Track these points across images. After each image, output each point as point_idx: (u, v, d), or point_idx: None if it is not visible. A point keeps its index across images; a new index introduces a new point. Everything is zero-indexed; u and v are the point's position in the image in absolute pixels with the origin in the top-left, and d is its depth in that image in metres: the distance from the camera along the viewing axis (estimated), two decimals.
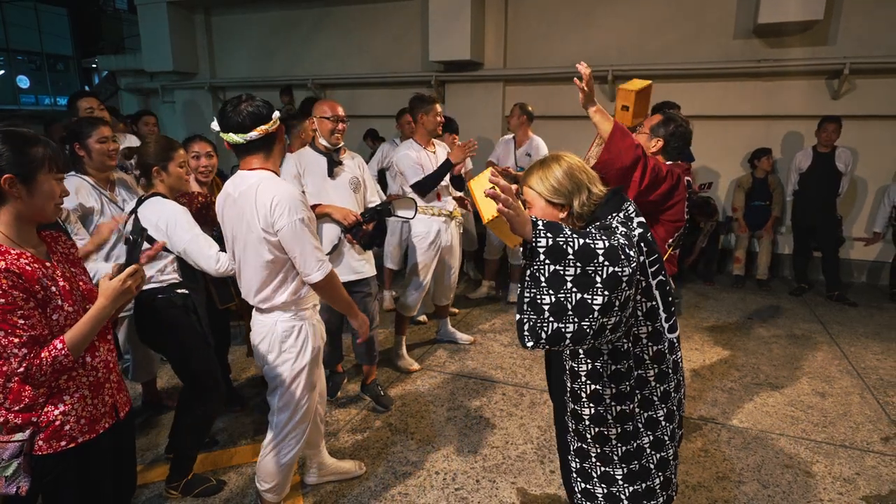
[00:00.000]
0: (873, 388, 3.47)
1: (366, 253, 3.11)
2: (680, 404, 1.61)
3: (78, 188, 2.60)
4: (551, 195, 1.52)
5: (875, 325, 4.59)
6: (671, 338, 1.54)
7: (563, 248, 1.23)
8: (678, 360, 1.58)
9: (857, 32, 5.25)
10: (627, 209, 1.50)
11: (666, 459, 1.57)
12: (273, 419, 2.15)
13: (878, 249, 5.63)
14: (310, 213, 1.95)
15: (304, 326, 2.08)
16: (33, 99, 24.51)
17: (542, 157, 1.62)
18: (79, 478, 1.54)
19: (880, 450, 2.84)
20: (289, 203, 1.86)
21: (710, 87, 5.77)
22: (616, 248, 1.25)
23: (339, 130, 2.96)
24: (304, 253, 1.91)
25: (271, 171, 1.96)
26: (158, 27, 7.76)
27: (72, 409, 1.49)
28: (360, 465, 2.63)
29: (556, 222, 1.26)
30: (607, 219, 1.47)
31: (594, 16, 6.09)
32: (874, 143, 5.47)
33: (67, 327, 1.45)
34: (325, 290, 2.02)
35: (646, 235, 1.46)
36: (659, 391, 1.53)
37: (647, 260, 1.45)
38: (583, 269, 1.23)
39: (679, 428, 1.62)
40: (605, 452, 1.56)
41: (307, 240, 1.90)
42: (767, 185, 5.57)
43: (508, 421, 3.09)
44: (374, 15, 7.07)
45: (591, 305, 1.23)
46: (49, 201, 1.46)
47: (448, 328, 4.18)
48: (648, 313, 1.47)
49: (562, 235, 1.23)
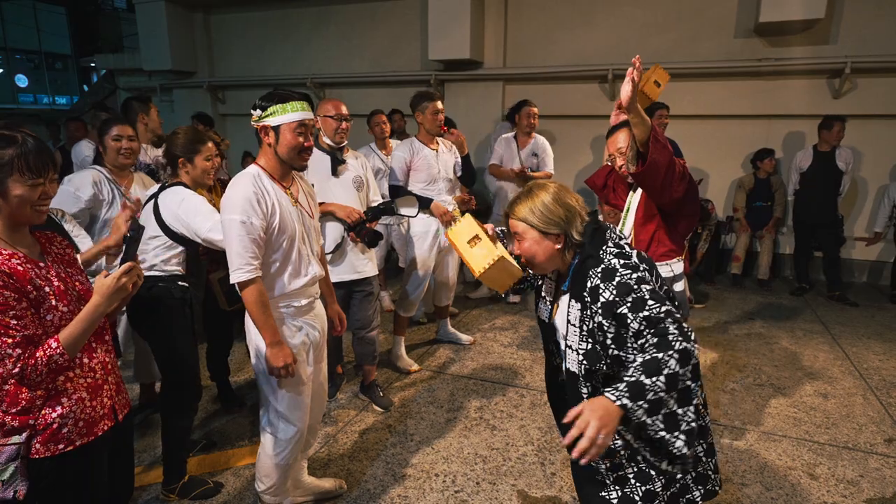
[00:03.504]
0: (876, 390, 3.45)
1: (368, 252, 3.09)
2: (705, 403, 1.61)
3: (95, 179, 2.75)
4: (545, 225, 1.47)
5: (877, 325, 4.57)
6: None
7: (659, 398, 1.25)
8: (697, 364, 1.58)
9: (859, 31, 5.23)
10: (614, 238, 1.50)
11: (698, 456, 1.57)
12: (261, 415, 2.15)
13: (878, 249, 5.62)
14: (254, 219, 1.89)
15: (284, 325, 2.06)
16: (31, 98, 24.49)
17: (528, 186, 1.59)
18: (76, 481, 1.52)
19: (884, 451, 2.82)
20: (229, 202, 1.90)
21: (710, 87, 5.75)
22: (678, 341, 1.27)
23: (343, 129, 2.94)
24: (229, 253, 1.92)
25: (259, 166, 2.01)
26: (157, 26, 7.73)
27: (70, 412, 1.46)
28: (342, 484, 2.52)
29: (636, 384, 1.24)
30: (601, 253, 1.45)
31: (594, 15, 6.07)
32: (875, 143, 5.46)
33: (63, 327, 1.43)
34: (243, 299, 1.95)
35: (640, 253, 1.50)
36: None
37: (652, 277, 1.48)
38: (677, 391, 1.26)
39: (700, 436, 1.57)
40: (644, 470, 1.51)
41: (234, 240, 1.89)
42: (769, 185, 5.55)
43: (509, 422, 3.07)
44: (374, 14, 7.05)
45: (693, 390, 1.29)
46: (23, 206, 1.40)
47: (448, 328, 4.16)
48: None
49: (647, 391, 1.24)
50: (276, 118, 1.93)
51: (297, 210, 2.06)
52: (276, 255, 2.01)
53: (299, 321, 2.12)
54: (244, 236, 1.88)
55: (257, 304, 1.93)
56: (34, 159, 1.39)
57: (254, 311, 1.95)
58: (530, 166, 4.76)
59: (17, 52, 23.78)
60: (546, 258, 1.52)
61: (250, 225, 1.88)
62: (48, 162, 1.43)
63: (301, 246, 2.07)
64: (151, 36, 7.84)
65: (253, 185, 1.93)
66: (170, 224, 2.35)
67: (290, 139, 1.95)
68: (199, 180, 2.48)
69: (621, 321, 1.36)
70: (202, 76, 8.24)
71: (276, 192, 1.98)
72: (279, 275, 2.04)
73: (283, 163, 2.00)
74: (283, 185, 2.03)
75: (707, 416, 1.60)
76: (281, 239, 1.99)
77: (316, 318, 2.21)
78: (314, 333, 2.19)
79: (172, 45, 7.76)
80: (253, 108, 1.99)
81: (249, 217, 1.88)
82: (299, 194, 2.12)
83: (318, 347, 2.24)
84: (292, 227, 2.01)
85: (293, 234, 2.02)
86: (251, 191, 1.90)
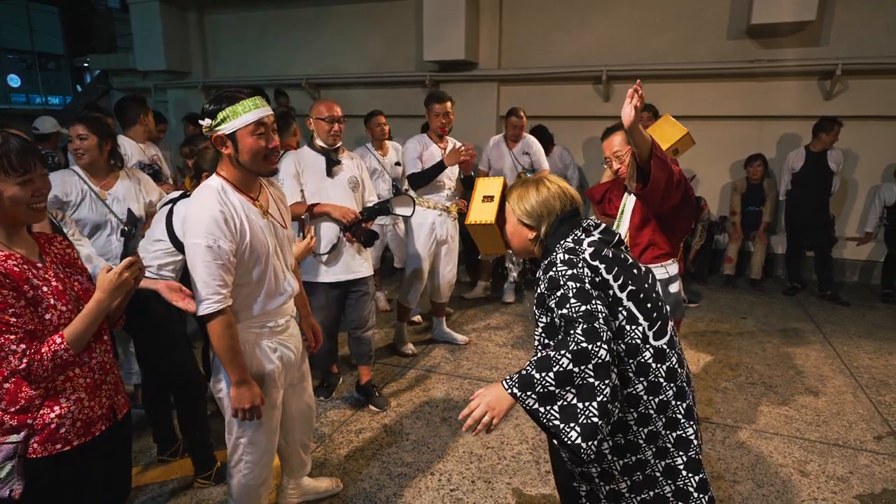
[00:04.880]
0: (866, 388, 3.50)
1: (364, 252, 3.11)
2: (688, 412, 1.55)
3: (62, 180, 2.65)
4: (523, 216, 1.62)
5: (867, 324, 4.62)
6: (658, 345, 1.49)
7: (549, 391, 1.31)
8: (675, 367, 1.53)
9: (850, 33, 5.28)
10: (576, 233, 1.56)
11: (673, 467, 1.54)
12: (227, 437, 1.99)
13: (869, 249, 5.68)
14: (222, 242, 1.70)
15: (258, 347, 1.90)
16: (24, 98, 24.34)
17: (533, 175, 1.66)
18: (73, 481, 1.52)
19: (873, 448, 2.86)
20: (192, 224, 1.72)
21: (703, 88, 5.80)
22: (576, 343, 1.32)
23: (336, 131, 2.95)
24: (195, 281, 1.72)
25: (222, 177, 1.81)
26: (151, 26, 7.72)
27: (68, 412, 1.47)
28: (338, 483, 2.52)
29: (527, 377, 1.33)
30: (556, 248, 1.54)
31: (588, 16, 6.10)
32: (865, 144, 5.52)
33: (63, 326, 1.43)
34: (209, 333, 1.75)
35: (601, 252, 1.50)
36: (654, 403, 1.50)
37: (610, 275, 1.48)
38: (574, 386, 1.31)
39: (691, 437, 1.56)
40: (606, 470, 1.54)
41: (199, 267, 1.70)
42: (762, 189, 5.59)
43: (503, 421, 3.07)
44: (369, 14, 7.06)
45: (598, 387, 1.31)
46: (17, 206, 1.40)
47: (443, 328, 4.19)
48: (618, 331, 1.47)
49: (536, 384, 1.31)
50: (229, 124, 1.69)
51: (269, 222, 1.86)
52: (248, 277, 1.82)
53: (274, 342, 1.96)
54: (210, 262, 1.67)
55: (224, 339, 1.73)
56: (17, 157, 1.38)
57: (220, 348, 1.74)
58: (524, 164, 4.79)
59: (9, 52, 23.63)
60: (519, 244, 1.68)
61: (217, 249, 1.68)
62: (33, 158, 1.42)
63: (276, 262, 1.89)
64: (146, 36, 7.83)
65: (218, 201, 1.71)
66: (178, 233, 2.33)
67: (251, 144, 1.71)
68: None
69: (550, 313, 1.45)
70: (197, 77, 8.23)
71: (244, 205, 1.78)
72: (255, 297, 1.86)
73: (249, 171, 1.78)
74: (250, 197, 1.82)
75: (683, 427, 1.54)
76: (254, 258, 1.80)
77: (291, 337, 2.06)
78: (288, 354, 2.03)
79: (167, 45, 7.76)
80: (201, 118, 1.73)
81: (216, 240, 1.67)
82: (269, 204, 1.90)
83: (294, 368, 2.10)
84: (265, 243, 1.82)
85: (266, 251, 1.83)
86: (216, 209, 1.69)
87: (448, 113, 3.71)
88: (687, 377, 1.59)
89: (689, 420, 1.54)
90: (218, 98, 1.71)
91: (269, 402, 1.93)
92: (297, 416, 2.22)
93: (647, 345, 1.48)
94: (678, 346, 1.59)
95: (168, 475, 2.63)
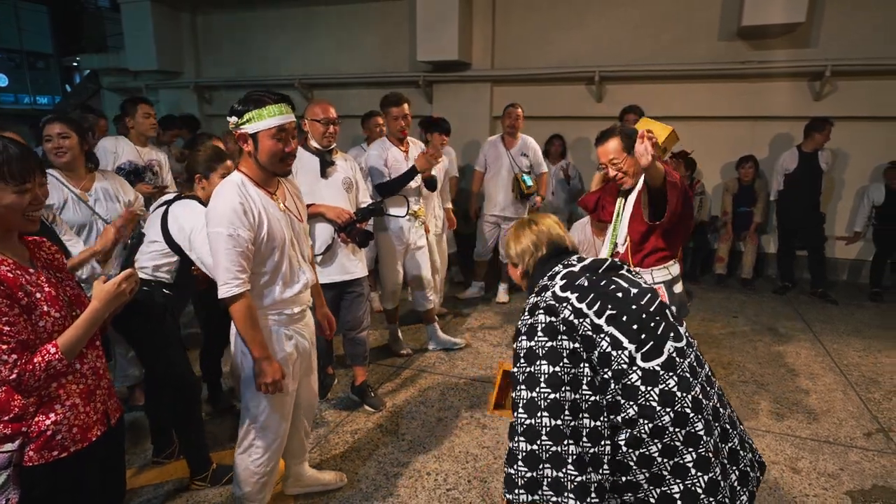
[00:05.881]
0: (855, 385, 3.54)
1: (358, 253, 3.11)
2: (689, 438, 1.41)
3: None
4: (514, 258, 1.75)
5: (856, 322, 4.68)
6: (647, 366, 1.41)
7: (530, 478, 1.38)
8: (672, 390, 1.41)
9: (839, 35, 5.34)
10: (555, 270, 1.62)
11: (669, 494, 1.41)
12: (241, 421, 2.12)
13: (858, 248, 5.75)
14: (241, 231, 1.84)
15: (275, 334, 2.03)
16: (12, 98, 24.06)
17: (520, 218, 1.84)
18: (70, 487, 1.51)
19: (863, 445, 2.90)
20: (214, 214, 1.86)
21: (695, 89, 5.84)
22: (527, 422, 1.39)
23: (331, 133, 2.94)
24: (216, 267, 1.87)
25: (242, 172, 1.95)
26: (142, 25, 7.66)
27: (63, 419, 1.46)
28: (342, 477, 2.55)
29: (507, 477, 1.41)
30: (535, 289, 1.61)
31: (582, 17, 6.13)
32: (854, 144, 5.58)
33: (56, 333, 1.42)
34: (231, 314, 1.92)
35: (573, 283, 1.53)
36: (647, 428, 1.40)
37: (583, 304, 1.47)
38: (543, 462, 1.37)
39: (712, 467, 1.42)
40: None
41: (221, 254, 1.85)
42: (753, 190, 5.64)
43: (499, 421, 3.10)
44: (362, 15, 7.05)
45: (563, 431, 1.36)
46: (13, 214, 1.39)
47: (439, 334, 4.08)
48: (603, 357, 1.42)
49: (516, 479, 1.39)
50: (253, 125, 1.85)
51: (286, 215, 2.01)
52: (267, 266, 1.96)
53: (290, 330, 2.08)
54: (231, 250, 1.83)
55: (246, 320, 1.89)
56: (18, 166, 1.37)
57: (242, 327, 1.90)
58: (521, 165, 4.79)
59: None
60: (518, 280, 1.80)
61: (237, 237, 1.83)
62: (33, 167, 1.40)
63: (291, 253, 2.02)
64: (137, 36, 7.76)
65: (238, 194, 1.86)
66: (174, 234, 2.36)
67: (270, 146, 1.86)
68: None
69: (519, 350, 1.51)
70: (189, 77, 8.18)
71: (262, 199, 1.93)
72: (271, 284, 1.99)
73: (265, 170, 1.94)
74: (268, 191, 1.97)
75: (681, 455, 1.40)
76: (271, 248, 1.94)
77: (305, 327, 2.18)
78: (303, 343, 2.15)
79: (158, 45, 7.70)
80: (229, 115, 1.91)
81: (236, 229, 1.82)
82: (286, 198, 2.06)
83: (306, 357, 2.21)
84: (281, 234, 1.96)
85: (283, 241, 1.97)
86: (237, 201, 1.84)
87: (406, 115, 3.62)
88: (701, 401, 1.45)
89: (687, 447, 1.40)
90: (246, 100, 1.87)
91: (283, 388, 2.02)
92: (304, 404, 2.30)
93: (635, 367, 1.42)
94: (689, 367, 1.48)
95: (164, 477, 2.63)
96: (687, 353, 1.50)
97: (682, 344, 1.50)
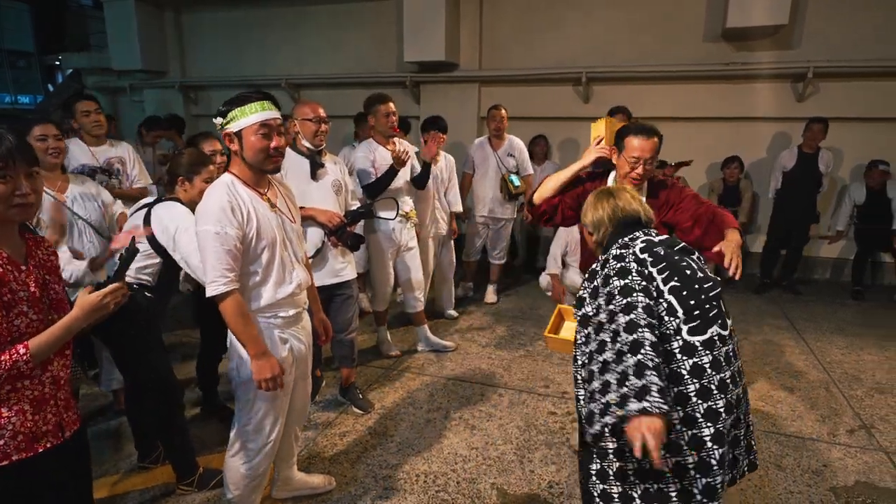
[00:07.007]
0: (838, 382, 3.60)
1: (348, 255, 3.09)
2: (709, 413, 1.58)
3: None
4: (590, 227, 1.90)
5: (838, 320, 4.76)
6: (690, 340, 1.60)
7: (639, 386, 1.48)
8: (703, 366, 1.58)
9: (821, 37, 5.42)
10: (634, 234, 1.77)
11: (683, 465, 1.60)
12: (233, 423, 2.12)
13: (840, 247, 5.83)
14: (229, 229, 1.85)
15: (269, 338, 2.02)
16: None
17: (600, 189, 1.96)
18: (14, 500, 1.43)
19: (846, 442, 2.94)
20: (202, 212, 1.88)
21: (680, 90, 5.90)
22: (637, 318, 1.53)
23: (322, 132, 2.92)
24: (204, 265, 1.88)
25: (232, 173, 1.96)
26: (126, 24, 7.57)
27: (8, 423, 1.37)
28: (331, 480, 2.54)
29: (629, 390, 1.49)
30: (611, 249, 1.76)
31: (569, 18, 6.16)
32: (836, 145, 5.65)
33: (28, 335, 1.38)
34: (222, 313, 1.90)
35: (651, 248, 1.68)
36: (672, 392, 1.57)
37: (655, 269, 1.65)
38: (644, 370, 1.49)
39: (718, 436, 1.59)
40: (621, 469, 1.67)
41: (208, 252, 1.85)
42: (738, 190, 5.69)
43: (488, 422, 3.11)
44: (350, 15, 7.03)
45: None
46: None
47: (428, 336, 4.08)
48: (658, 318, 1.59)
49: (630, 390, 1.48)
50: (237, 123, 1.86)
51: (276, 215, 2.00)
52: (257, 265, 1.96)
53: (286, 333, 2.07)
54: (218, 248, 1.83)
55: (236, 316, 1.88)
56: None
57: (233, 324, 1.89)
58: (508, 167, 4.81)
59: None
60: (592, 247, 1.96)
61: (224, 235, 1.83)
62: (14, 155, 1.37)
63: (283, 253, 2.02)
64: (120, 35, 7.67)
65: (227, 193, 1.87)
66: (157, 235, 2.36)
67: (254, 143, 1.87)
68: (196, 200, 2.44)
69: (599, 302, 1.66)
70: (174, 76, 8.10)
71: (252, 199, 1.93)
72: (262, 284, 1.98)
73: (254, 168, 1.93)
74: (258, 191, 1.97)
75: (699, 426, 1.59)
76: (260, 247, 1.94)
77: (302, 330, 2.17)
78: (299, 346, 2.14)
79: (143, 44, 7.62)
80: (215, 116, 1.93)
81: (224, 227, 1.83)
82: (277, 199, 2.05)
83: (302, 361, 2.20)
84: (272, 233, 1.96)
85: (273, 241, 1.96)
86: (225, 200, 1.85)
87: (394, 112, 3.61)
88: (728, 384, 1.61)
89: (707, 420, 1.58)
90: (231, 100, 1.89)
91: (283, 385, 2.01)
92: (296, 409, 2.29)
93: (679, 336, 1.60)
94: (725, 354, 1.64)
95: (150, 482, 2.59)
96: (728, 342, 1.67)
97: (726, 333, 1.66)
